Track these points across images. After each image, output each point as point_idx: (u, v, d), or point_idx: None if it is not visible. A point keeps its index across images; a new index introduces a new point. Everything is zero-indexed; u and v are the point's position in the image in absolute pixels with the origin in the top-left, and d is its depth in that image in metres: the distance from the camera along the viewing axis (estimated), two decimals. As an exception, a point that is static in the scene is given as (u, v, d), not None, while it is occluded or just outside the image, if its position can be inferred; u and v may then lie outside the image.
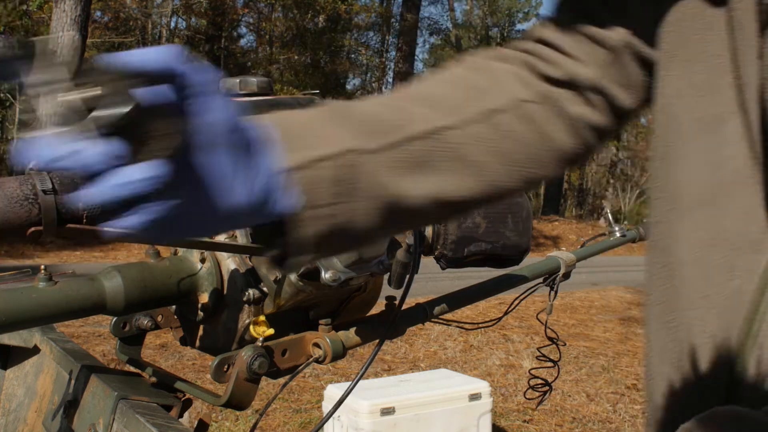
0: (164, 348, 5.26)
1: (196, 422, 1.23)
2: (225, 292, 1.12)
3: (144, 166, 0.48)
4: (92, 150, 0.46)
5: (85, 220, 0.88)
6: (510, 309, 1.41)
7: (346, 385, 3.33)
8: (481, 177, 0.69)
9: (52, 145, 0.45)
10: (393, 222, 0.66)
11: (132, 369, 1.26)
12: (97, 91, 0.45)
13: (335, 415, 3.05)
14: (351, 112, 0.65)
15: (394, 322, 1.06)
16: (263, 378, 1.07)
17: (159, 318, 1.19)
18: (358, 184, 0.62)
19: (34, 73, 0.45)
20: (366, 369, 0.94)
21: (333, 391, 3.18)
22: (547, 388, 1.42)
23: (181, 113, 0.50)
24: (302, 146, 0.60)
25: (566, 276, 1.46)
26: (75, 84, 0.45)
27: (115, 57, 0.49)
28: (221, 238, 1.15)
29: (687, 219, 0.63)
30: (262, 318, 1.10)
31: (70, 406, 1.20)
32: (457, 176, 0.68)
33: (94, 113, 0.45)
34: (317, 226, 0.61)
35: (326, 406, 3.21)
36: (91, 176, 0.47)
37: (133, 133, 0.47)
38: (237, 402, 1.05)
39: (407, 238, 1.07)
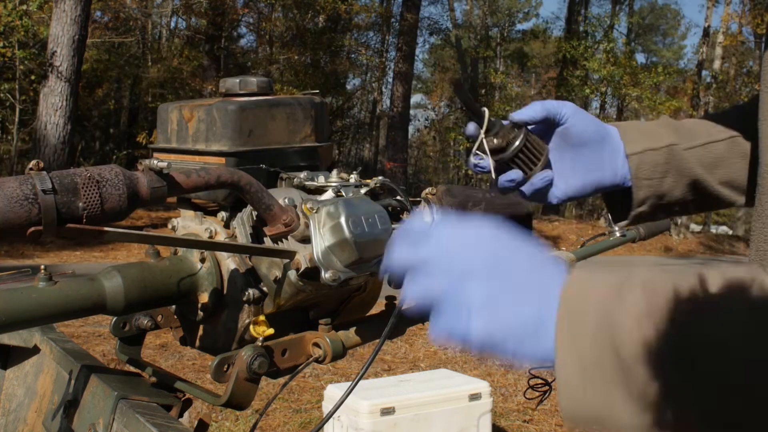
0: (164, 348, 5.26)
1: (196, 422, 1.22)
2: (225, 291, 1.12)
3: (540, 175, 1.01)
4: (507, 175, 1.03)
5: (84, 220, 0.88)
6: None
7: (346, 385, 3.33)
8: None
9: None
10: (694, 197, 1.04)
11: (132, 369, 1.26)
12: (499, 141, 1.00)
13: (335, 415, 3.05)
14: (673, 122, 1.06)
15: (395, 322, 1.06)
16: (263, 378, 1.07)
17: (159, 318, 1.19)
18: (674, 166, 1.02)
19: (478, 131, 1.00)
20: (366, 369, 0.94)
21: (333, 391, 3.18)
22: (547, 388, 1.42)
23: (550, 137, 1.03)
24: (642, 139, 1.02)
25: (566, 276, 1.45)
26: (492, 135, 1.00)
27: (512, 115, 0.99)
28: (221, 238, 1.15)
29: None
30: (261, 318, 1.10)
31: (70, 406, 1.20)
32: (745, 168, 0.99)
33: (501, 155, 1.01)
34: (647, 192, 1.03)
35: (326, 406, 3.21)
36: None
37: (529, 157, 1.01)
38: (237, 402, 1.05)
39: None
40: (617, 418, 0.55)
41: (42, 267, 1.01)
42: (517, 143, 1.00)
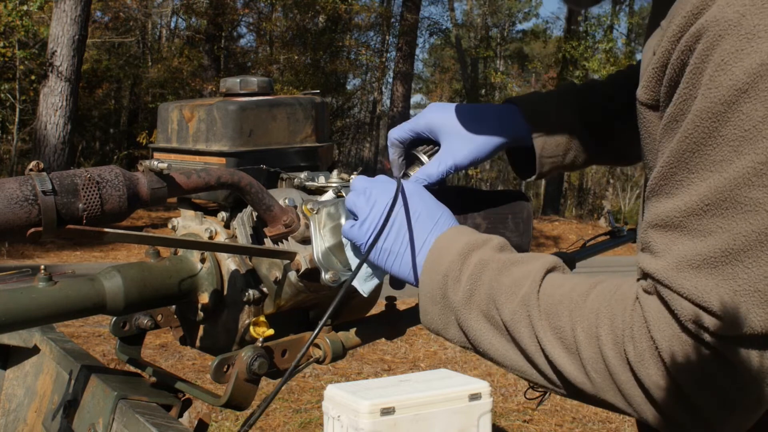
0: (164, 348, 5.26)
1: (196, 422, 1.22)
2: (225, 292, 1.12)
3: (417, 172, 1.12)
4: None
5: (84, 221, 0.88)
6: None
7: (346, 385, 3.33)
8: None
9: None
10: (594, 161, 1.21)
11: (132, 369, 1.26)
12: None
13: (335, 414, 3.05)
14: (576, 91, 1.22)
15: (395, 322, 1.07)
16: (263, 378, 1.07)
17: (159, 318, 1.19)
18: (575, 144, 1.14)
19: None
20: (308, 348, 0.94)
21: (333, 391, 3.18)
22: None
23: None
24: (539, 116, 1.12)
25: (566, 276, 1.45)
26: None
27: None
28: (221, 238, 1.15)
29: None
30: (262, 318, 1.10)
31: (69, 406, 1.20)
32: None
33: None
34: (550, 166, 1.14)
35: (326, 406, 3.20)
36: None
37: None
38: (237, 402, 1.05)
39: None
40: (449, 335, 0.88)
41: (42, 267, 1.01)
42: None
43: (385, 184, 0.97)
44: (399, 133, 1.13)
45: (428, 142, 1.14)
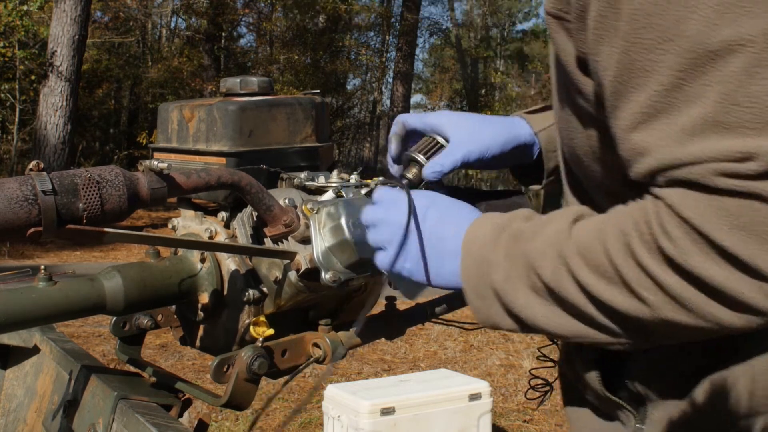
0: (164, 348, 5.26)
1: (196, 422, 1.23)
2: (225, 292, 1.12)
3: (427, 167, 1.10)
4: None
5: (84, 221, 0.88)
6: (510, 309, 1.41)
7: (346, 385, 3.33)
8: None
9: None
10: None
11: (132, 369, 1.26)
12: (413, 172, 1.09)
13: (335, 414, 3.05)
14: None
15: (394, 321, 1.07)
16: (263, 378, 1.07)
17: (159, 317, 1.19)
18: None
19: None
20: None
21: (333, 391, 3.18)
22: (547, 388, 1.42)
23: None
24: (548, 117, 1.10)
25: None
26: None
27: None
28: (221, 238, 1.15)
29: None
30: (262, 318, 1.10)
31: (69, 406, 1.20)
32: None
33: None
34: (555, 162, 1.08)
35: (326, 406, 3.20)
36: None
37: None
38: (237, 402, 1.05)
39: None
40: (506, 324, 0.83)
41: (42, 267, 1.01)
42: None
43: (395, 207, 0.92)
44: (412, 120, 1.12)
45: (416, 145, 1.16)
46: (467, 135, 1.10)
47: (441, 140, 1.11)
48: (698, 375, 0.83)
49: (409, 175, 1.14)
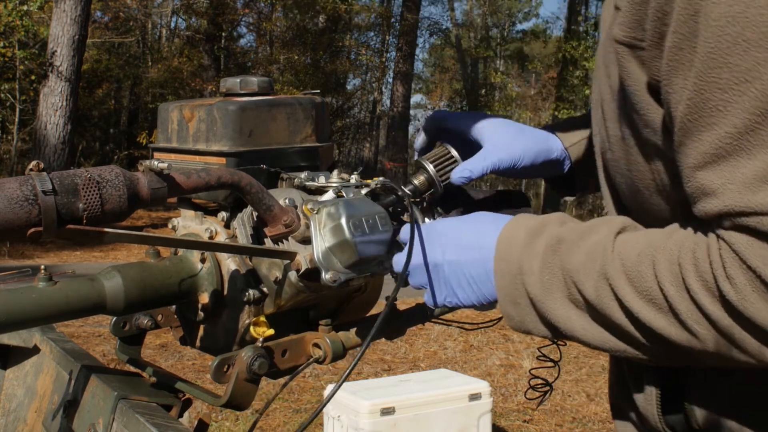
0: (164, 348, 5.26)
1: (196, 422, 1.22)
2: (225, 292, 1.12)
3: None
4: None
5: (84, 221, 0.88)
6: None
7: (346, 385, 3.32)
8: None
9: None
10: None
11: (132, 369, 1.26)
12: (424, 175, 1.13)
13: (335, 414, 3.05)
14: None
15: (393, 319, 1.07)
16: (263, 378, 1.07)
17: (159, 318, 1.19)
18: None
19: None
20: (357, 360, 0.95)
21: (333, 391, 3.18)
22: (547, 388, 1.42)
23: None
24: (577, 132, 1.14)
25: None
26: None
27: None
28: (221, 238, 1.15)
29: None
30: (262, 318, 1.10)
31: (69, 406, 1.20)
32: None
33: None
34: (587, 174, 1.10)
35: (326, 406, 3.20)
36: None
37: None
38: (237, 402, 1.05)
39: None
40: (540, 331, 0.84)
41: (42, 267, 1.01)
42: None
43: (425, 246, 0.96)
44: (449, 121, 1.14)
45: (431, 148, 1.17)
46: (502, 143, 1.09)
47: (455, 154, 1.12)
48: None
49: (416, 182, 1.15)
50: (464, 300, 0.92)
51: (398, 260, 1.00)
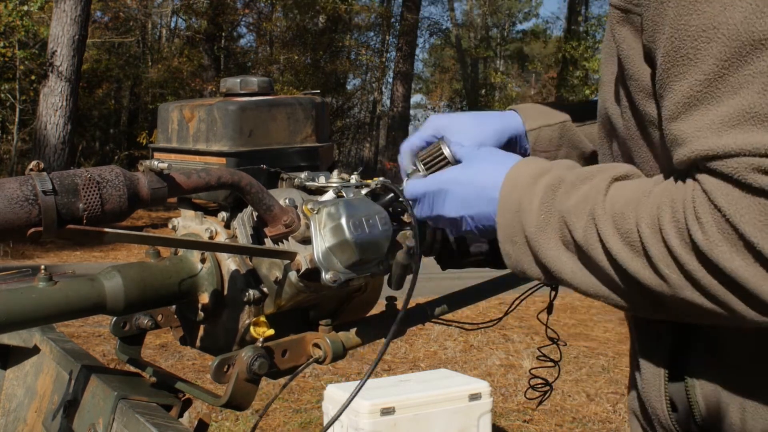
0: (164, 348, 5.26)
1: (196, 422, 1.23)
2: (225, 292, 1.12)
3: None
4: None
5: (84, 221, 0.88)
6: (510, 309, 1.41)
7: (346, 385, 3.32)
8: None
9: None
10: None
11: (132, 369, 1.26)
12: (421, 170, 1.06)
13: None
14: (567, 103, 1.11)
15: (397, 323, 1.06)
16: (263, 378, 1.07)
17: (159, 318, 1.19)
18: (567, 140, 1.14)
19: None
20: (371, 372, 0.95)
21: (333, 391, 3.18)
22: (547, 388, 1.42)
23: None
24: (539, 117, 1.14)
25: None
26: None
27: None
28: (222, 238, 1.15)
29: None
30: (262, 318, 1.10)
31: (69, 406, 1.20)
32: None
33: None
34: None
35: (326, 406, 3.21)
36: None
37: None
38: (237, 402, 1.05)
39: (407, 240, 1.07)
40: (533, 272, 0.84)
41: (42, 267, 1.01)
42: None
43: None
44: (410, 143, 1.13)
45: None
46: (464, 131, 1.11)
47: (447, 153, 1.13)
48: None
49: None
50: (449, 211, 0.94)
51: (410, 186, 1.00)
